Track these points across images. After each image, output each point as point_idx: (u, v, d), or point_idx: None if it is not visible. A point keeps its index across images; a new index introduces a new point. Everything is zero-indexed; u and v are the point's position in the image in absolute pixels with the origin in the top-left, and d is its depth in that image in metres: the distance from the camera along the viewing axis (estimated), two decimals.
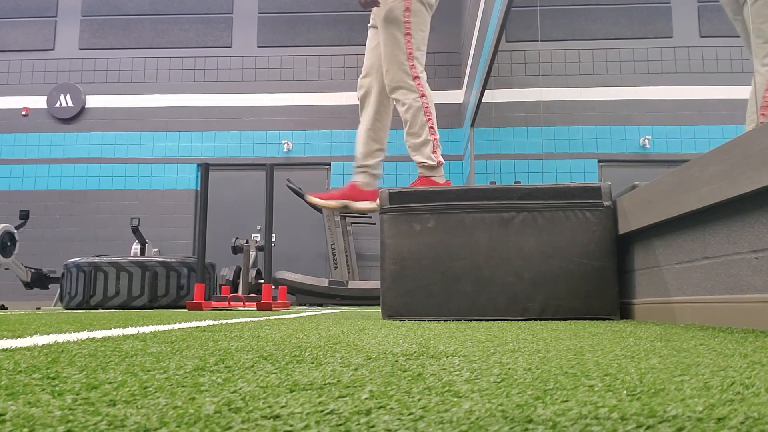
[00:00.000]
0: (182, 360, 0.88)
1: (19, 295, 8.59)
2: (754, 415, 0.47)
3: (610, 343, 1.16)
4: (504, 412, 0.49)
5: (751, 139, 1.58)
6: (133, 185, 9.39)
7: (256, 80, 9.60)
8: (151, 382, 0.65)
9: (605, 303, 2.49)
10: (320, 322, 2.27)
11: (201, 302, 4.71)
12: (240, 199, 9.27)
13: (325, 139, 9.43)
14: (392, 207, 2.70)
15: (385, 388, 0.61)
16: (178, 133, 9.50)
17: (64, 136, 9.54)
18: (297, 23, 9.72)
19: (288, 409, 0.50)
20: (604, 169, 8.21)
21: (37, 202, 9.24)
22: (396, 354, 0.97)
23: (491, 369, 0.77)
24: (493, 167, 7.71)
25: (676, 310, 2.09)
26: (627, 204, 2.48)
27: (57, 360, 0.87)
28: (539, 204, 2.60)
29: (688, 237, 2.03)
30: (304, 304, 7.80)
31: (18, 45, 9.81)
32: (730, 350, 1.01)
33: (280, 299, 5.89)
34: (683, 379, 0.67)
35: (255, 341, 1.25)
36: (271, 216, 5.02)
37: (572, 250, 2.53)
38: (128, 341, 1.24)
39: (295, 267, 8.57)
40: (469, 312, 2.54)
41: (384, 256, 2.68)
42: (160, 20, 9.80)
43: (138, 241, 7.24)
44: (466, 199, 2.65)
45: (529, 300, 2.52)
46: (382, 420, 0.46)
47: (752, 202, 1.64)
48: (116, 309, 5.82)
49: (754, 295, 1.65)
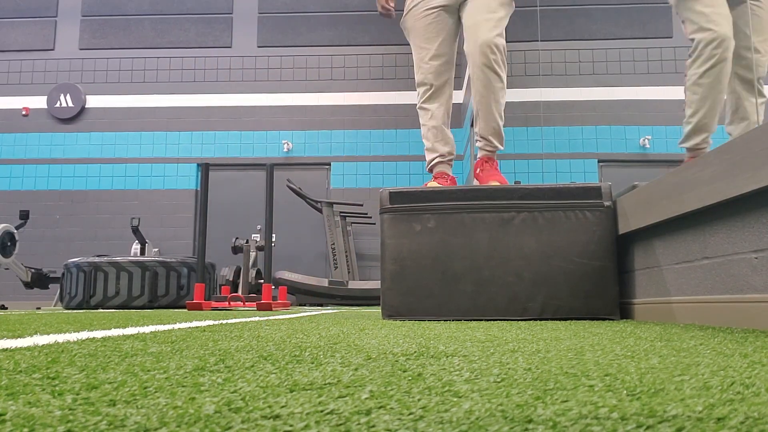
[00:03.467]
0: (182, 360, 0.88)
1: (19, 295, 8.59)
2: (755, 414, 0.47)
3: (610, 343, 1.16)
4: (504, 412, 0.48)
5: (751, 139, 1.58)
6: (133, 185, 9.39)
7: (256, 80, 9.60)
8: (151, 382, 0.65)
9: (605, 303, 2.49)
10: (320, 322, 2.27)
11: (201, 302, 4.71)
12: (240, 199, 9.27)
13: (325, 139, 9.43)
14: (392, 207, 2.70)
15: (386, 388, 0.61)
16: (178, 133, 9.49)
17: (64, 136, 9.54)
18: (297, 23, 9.71)
19: (288, 409, 0.50)
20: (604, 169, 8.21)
21: (37, 202, 9.24)
22: (396, 354, 0.97)
23: (491, 369, 0.77)
24: None
25: (676, 310, 2.09)
26: (627, 204, 2.48)
27: (57, 360, 0.87)
28: (539, 204, 2.60)
29: (688, 237, 2.03)
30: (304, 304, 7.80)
31: (18, 45, 9.81)
32: (730, 350, 1.01)
33: (280, 299, 5.89)
34: (683, 379, 0.67)
35: (255, 341, 1.25)
36: (271, 216, 5.02)
37: (572, 250, 2.53)
38: (128, 341, 1.24)
39: (295, 267, 8.57)
40: (469, 312, 2.53)
41: (384, 256, 2.67)
42: (160, 20, 9.80)
43: (138, 241, 7.24)
44: (466, 199, 2.64)
45: (529, 300, 2.51)
46: (382, 420, 0.46)
47: (752, 202, 1.64)
48: (116, 309, 5.82)
49: (754, 295, 1.65)
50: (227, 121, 9.51)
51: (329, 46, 9.60)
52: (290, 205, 8.72)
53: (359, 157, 9.28)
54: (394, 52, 9.45)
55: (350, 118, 9.42)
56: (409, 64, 9.48)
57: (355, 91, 9.47)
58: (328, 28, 9.67)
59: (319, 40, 9.64)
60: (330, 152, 9.39)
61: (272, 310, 4.62)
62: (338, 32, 9.65)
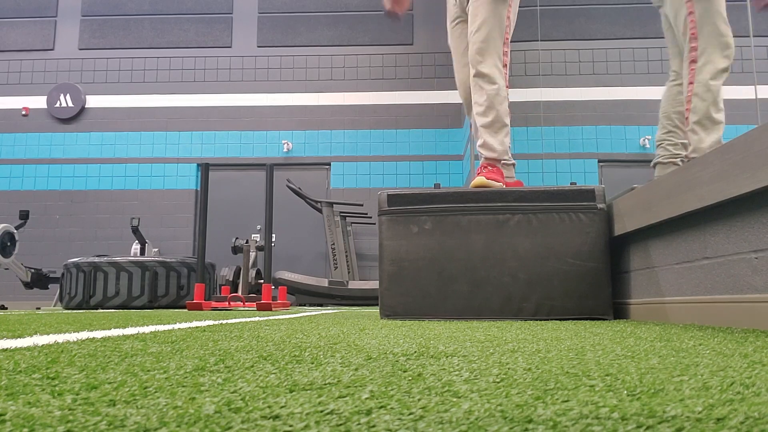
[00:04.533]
0: (182, 360, 0.88)
1: (19, 295, 8.59)
2: (755, 415, 0.47)
3: (610, 343, 1.16)
4: (504, 412, 0.48)
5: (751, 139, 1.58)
6: (133, 185, 9.39)
7: (256, 80, 9.60)
8: (151, 382, 0.65)
9: (598, 303, 2.51)
10: (320, 322, 2.27)
11: (201, 302, 4.71)
12: (240, 199, 9.27)
13: (325, 139, 9.42)
14: (390, 209, 2.72)
15: (386, 388, 0.61)
16: (178, 133, 9.49)
17: (63, 136, 9.54)
18: (297, 23, 9.71)
19: (288, 409, 0.50)
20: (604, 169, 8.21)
21: (37, 202, 9.24)
22: (396, 354, 0.97)
23: (491, 369, 0.77)
24: None
25: (675, 310, 2.09)
26: (625, 205, 2.48)
27: (57, 360, 0.87)
28: (534, 206, 2.62)
29: (688, 237, 2.03)
30: (304, 304, 7.80)
31: (18, 45, 9.80)
32: (729, 350, 1.01)
33: (280, 299, 5.89)
34: (683, 380, 0.67)
35: (255, 341, 1.25)
36: (271, 216, 5.02)
37: (566, 252, 2.56)
38: (128, 341, 1.24)
39: (295, 267, 8.57)
40: (464, 312, 2.56)
41: (382, 257, 2.71)
42: (160, 20, 9.80)
43: (138, 241, 7.24)
44: (463, 201, 2.67)
45: (523, 300, 2.54)
46: (382, 420, 0.46)
47: (752, 202, 1.64)
48: (116, 309, 5.82)
49: (754, 295, 1.65)
50: (227, 121, 9.51)
51: (329, 46, 9.60)
52: (290, 205, 8.72)
53: (359, 157, 9.28)
54: (394, 52, 9.45)
55: (350, 118, 9.42)
56: (410, 64, 9.49)
57: (355, 91, 9.47)
58: (328, 28, 9.67)
59: (319, 40, 9.64)
60: (330, 152, 9.39)
61: (272, 311, 4.62)
62: (338, 32, 9.65)
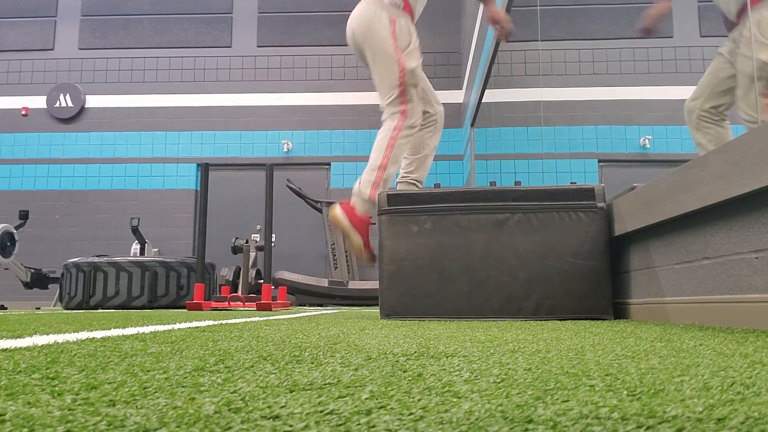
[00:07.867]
0: (182, 360, 0.88)
1: (18, 295, 8.59)
2: (755, 415, 0.47)
3: (610, 343, 1.16)
4: (504, 413, 0.48)
5: (751, 139, 1.58)
6: (133, 185, 9.39)
7: (256, 80, 9.60)
8: (151, 383, 0.65)
9: (599, 302, 2.50)
10: (320, 322, 2.27)
11: (201, 302, 4.71)
12: (240, 199, 9.27)
13: (325, 139, 9.43)
14: (390, 209, 2.72)
15: (386, 388, 0.61)
16: (178, 133, 9.50)
17: (63, 136, 9.54)
18: (297, 23, 9.71)
19: (288, 410, 0.50)
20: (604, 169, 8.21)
21: (37, 202, 9.24)
22: (396, 354, 0.97)
23: (491, 369, 0.77)
24: (494, 167, 7.71)
25: (675, 310, 2.09)
26: (625, 205, 2.48)
27: (57, 360, 0.87)
28: (533, 205, 2.62)
29: (688, 237, 2.03)
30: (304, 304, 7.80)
31: (18, 45, 9.81)
32: (730, 350, 1.01)
33: (280, 299, 5.89)
34: (683, 380, 0.67)
35: (255, 341, 1.25)
36: (271, 216, 5.02)
37: (566, 251, 2.55)
38: (128, 341, 1.23)
39: (295, 267, 8.57)
40: (464, 311, 2.56)
41: (382, 257, 2.71)
42: (160, 20, 9.80)
43: (138, 241, 7.24)
44: (462, 200, 2.67)
45: (523, 299, 2.54)
46: (382, 420, 0.46)
47: (752, 202, 1.64)
48: (116, 309, 5.82)
49: (754, 295, 1.65)
50: (227, 121, 9.51)
51: (329, 46, 9.60)
52: (290, 205, 8.72)
53: (359, 157, 9.27)
54: None
55: (350, 118, 9.42)
56: None
57: (355, 91, 9.47)
58: (328, 28, 9.67)
59: (319, 40, 9.64)
60: (330, 152, 9.39)
61: (272, 311, 4.62)
62: (338, 32, 9.64)
